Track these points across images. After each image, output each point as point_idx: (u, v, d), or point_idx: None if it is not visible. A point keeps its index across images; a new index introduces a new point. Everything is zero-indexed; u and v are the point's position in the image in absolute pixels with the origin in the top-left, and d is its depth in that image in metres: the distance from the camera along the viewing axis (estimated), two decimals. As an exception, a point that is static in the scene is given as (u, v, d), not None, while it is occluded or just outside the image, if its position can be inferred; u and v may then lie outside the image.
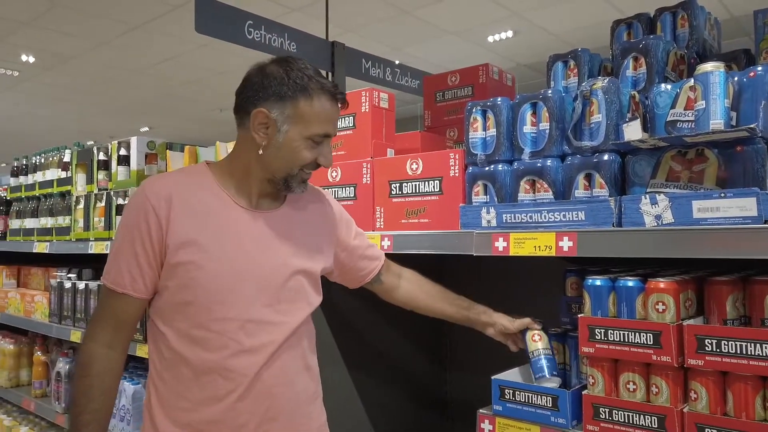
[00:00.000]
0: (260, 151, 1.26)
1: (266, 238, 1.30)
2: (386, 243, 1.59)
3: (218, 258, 1.23)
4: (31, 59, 6.96)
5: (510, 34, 6.54)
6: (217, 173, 1.33)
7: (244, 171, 1.31)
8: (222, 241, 1.25)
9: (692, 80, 1.21)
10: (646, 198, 1.15)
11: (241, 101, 1.29)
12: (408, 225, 1.60)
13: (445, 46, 6.83)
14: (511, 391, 1.30)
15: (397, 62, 3.64)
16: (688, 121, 1.24)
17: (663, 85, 1.32)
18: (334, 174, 1.77)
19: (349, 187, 1.74)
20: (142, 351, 2.33)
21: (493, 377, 1.35)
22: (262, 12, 2.83)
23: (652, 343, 1.12)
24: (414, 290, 1.58)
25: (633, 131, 1.23)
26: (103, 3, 5.40)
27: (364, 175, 1.71)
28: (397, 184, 1.63)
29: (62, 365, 2.85)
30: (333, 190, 1.76)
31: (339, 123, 1.79)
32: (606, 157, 1.27)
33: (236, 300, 1.24)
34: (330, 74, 3.17)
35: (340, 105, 1.30)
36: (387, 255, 1.61)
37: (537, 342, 1.39)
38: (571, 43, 6.67)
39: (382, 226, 1.65)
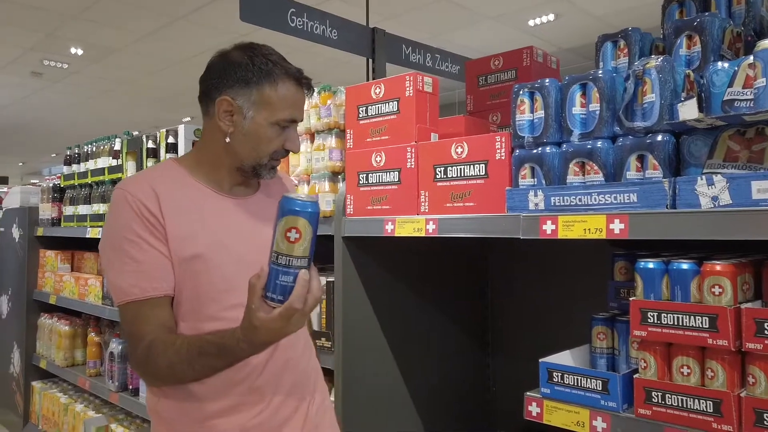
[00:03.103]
0: (227, 139, 1.25)
1: (252, 222, 1.31)
2: (431, 227, 1.59)
3: (217, 248, 1.23)
4: (80, 52, 7.18)
5: (551, 17, 6.41)
6: (187, 167, 1.31)
7: (214, 161, 1.29)
8: (214, 230, 1.24)
9: (751, 57, 1.17)
10: (702, 179, 1.12)
11: (205, 89, 1.27)
12: (453, 209, 1.60)
13: (484, 32, 6.74)
14: (559, 374, 1.30)
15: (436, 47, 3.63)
16: (746, 99, 1.20)
17: (720, 63, 1.28)
18: (378, 159, 1.78)
19: (394, 171, 1.74)
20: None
21: (541, 360, 1.35)
22: (303, 0, 2.86)
23: (708, 326, 1.10)
24: None
25: (689, 110, 1.19)
26: (147, -5, 5.54)
27: (409, 160, 1.71)
28: (442, 168, 1.63)
29: (115, 346, 2.97)
30: (377, 174, 1.77)
31: (383, 107, 1.80)
32: (660, 137, 1.24)
33: (241, 285, 1.21)
34: (371, 61, 3.18)
35: (306, 90, 1.29)
36: (432, 239, 1.62)
37: None
38: (614, 25, 6.49)
39: (426, 210, 1.66)
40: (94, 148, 3.50)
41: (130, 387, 2.90)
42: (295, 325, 1.00)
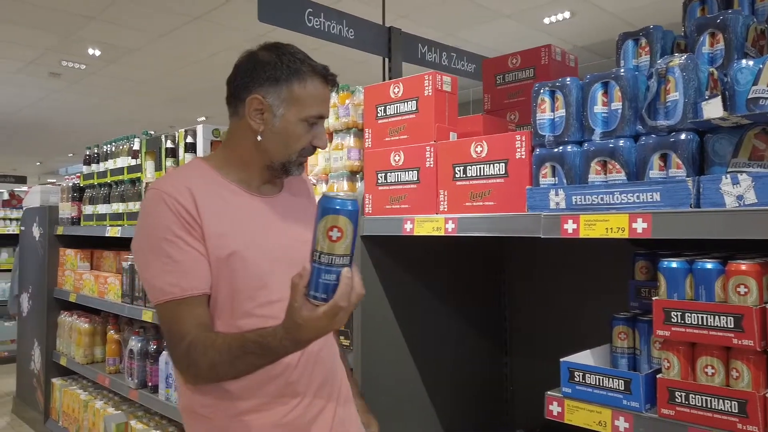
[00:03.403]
0: (258, 138, 1.27)
1: (281, 220, 1.33)
2: (450, 226, 1.59)
3: (252, 245, 1.24)
4: (97, 53, 7.26)
5: (567, 15, 6.36)
6: (215, 166, 1.32)
7: (243, 160, 1.31)
8: (247, 228, 1.26)
9: (778, 55, 1.16)
10: (727, 177, 1.11)
11: (234, 89, 1.29)
12: (472, 208, 1.60)
13: (499, 30, 6.71)
14: (580, 374, 1.29)
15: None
16: (772, 97, 1.19)
17: (744, 61, 1.26)
18: (397, 158, 1.78)
19: (412, 170, 1.75)
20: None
21: (562, 359, 1.34)
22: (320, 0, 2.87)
23: (733, 326, 1.09)
24: None
25: (713, 109, 1.19)
26: (164, -4, 5.58)
27: (428, 159, 1.71)
28: (461, 168, 1.63)
29: (134, 343, 3.01)
30: (396, 174, 1.78)
31: (401, 107, 1.80)
32: (683, 136, 1.23)
33: (275, 282, 1.24)
34: (387, 60, 3.19)
35: (331, 87, 1.32)
36: (450, 238, 1.62)
37: None
38: (630, 22, 6.43)
39: (446, 209, 1.66)
40: (113, 148, 3.55)
41: (149, 384, 2.93)
42: (339, 322, 1.02)
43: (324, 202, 1.00)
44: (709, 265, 1.16)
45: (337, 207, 0.99)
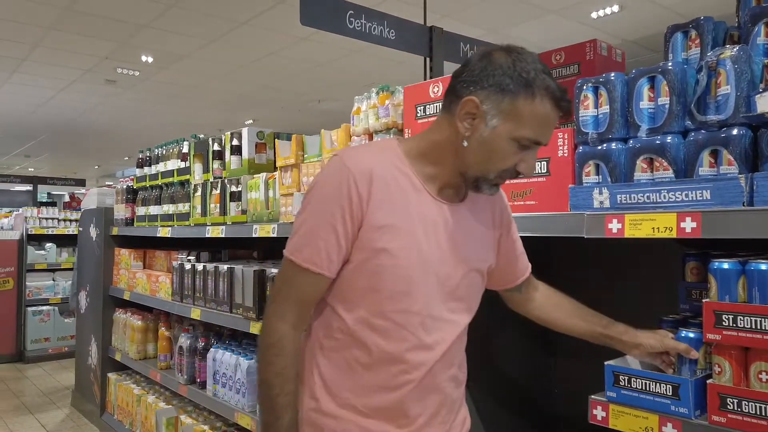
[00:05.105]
0: (464, 143, 1.15)
1: (452, 231, 1.23)
2: (491, 225, 1.57)
3: (410, 247, 1.17)
4: (150, 59, 7.52)
5: (616, 8, 6.18)
6: (408, 154, 1.22)
7: (439, 158, 1.21)
8: (414, 229, 1.18)
9: (839, 43, 1.10)
10: (782, 174, 1.06)
11: (455, 84, 1.18)
12: (513, 207, 1.57)
13: (545, 26, 6.58)
14: (626, 378, 1.26)
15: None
16: (833, 89, 1.12)
17: (802, 51, 1.20)
18: (437, 157, 1.77)
19: (453, 170, 1.73)
20: (255, 328, 2.48)
21: (606, 363, 1.31)
22: (360, 1, 2.88)
23: (789, 331, 1.04)
24: (547, 304, 1.49)
25: (767, 102, 1.13)
26: (212, 2, 5.72)
27: (468, 158, 1.70)
28: (503, 166, 1.60)
29: (184, 340, 3.10)
30: (436, 173, 1.77)
31: (441, 106, 1.79)
32: (735, 131, 1.18)
33: (420, 293, 1.18)
34: (428, 60, 3.18)
35: (562, 114, 1.16)
36: (492, 237, 1.60)
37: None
38: (682, 14, 6.19)
39: (486, 209, 1.64)
40: (164, 151, 3.66)
41: (198, 380, 3.01)
42: None
43: None
44: (763, 266, 1.11)
45: None
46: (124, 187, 4.04)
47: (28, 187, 16.04)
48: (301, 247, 1.18)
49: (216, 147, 3.02)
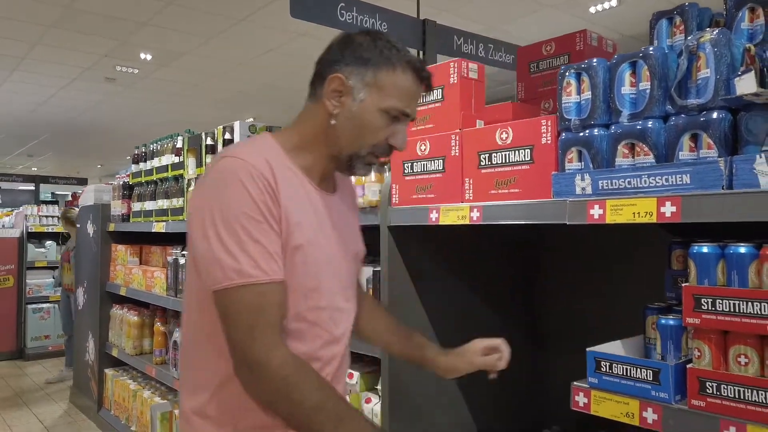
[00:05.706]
0: (332, 122, 1.15)
1: (335, 221, 1.23)
2: (475, 214, 1.57)
3: (315, 242, 1.14)
4: (149, 57, 7.53)
5: (614, 2, 6.16)
6: (284, 147, 1.18)
7: (312, 147, 1.19)
8: (311, 223, 1.15)
9: (819, 25, 1.09)
10: (761, 157, 1.05)
11: (320, 69, 1.18)
12: (498, 196, 1.57)
13: (542, 21, 6.56)
14: (607, 364, 1.25)
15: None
16: (813, 71, 1.11)
17: (784, 34, 1.19)
18: (422, 147, 1.77)
19: (438, 159, 1.73)
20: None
21: (588, 349, 1.30)
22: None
23: (767, 313, 1.03)
24: (372, 317, 1.47)
25: (747, 84, 1.12)
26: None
27: (453, 147, 1.69)
28: (486, 155, 1.60)
29: (178, 335, 3.10)
30: (422, 163, 1.76)
31: (426, 96, 1.78)
32: (715, 114, 1.17)
33: (325, 287, 1.17)
34: (421, 53, 3.17)
35: (424, 86, 1.19)
36: (477, 226, 1.60)
37: None
38: (683, 8, 6.16)
39: (471, 198, 1.63)
40: (158, 147, 3.67)
41: (192, 374, 3.01)
42: None
43: None
44: (742, 249, 1.10)
45: None
46: (120, 183, 4.04)
47: (31, 187, 16.10)
48: (247, 266, 1.03)
49: (209, 141, 3.02)
